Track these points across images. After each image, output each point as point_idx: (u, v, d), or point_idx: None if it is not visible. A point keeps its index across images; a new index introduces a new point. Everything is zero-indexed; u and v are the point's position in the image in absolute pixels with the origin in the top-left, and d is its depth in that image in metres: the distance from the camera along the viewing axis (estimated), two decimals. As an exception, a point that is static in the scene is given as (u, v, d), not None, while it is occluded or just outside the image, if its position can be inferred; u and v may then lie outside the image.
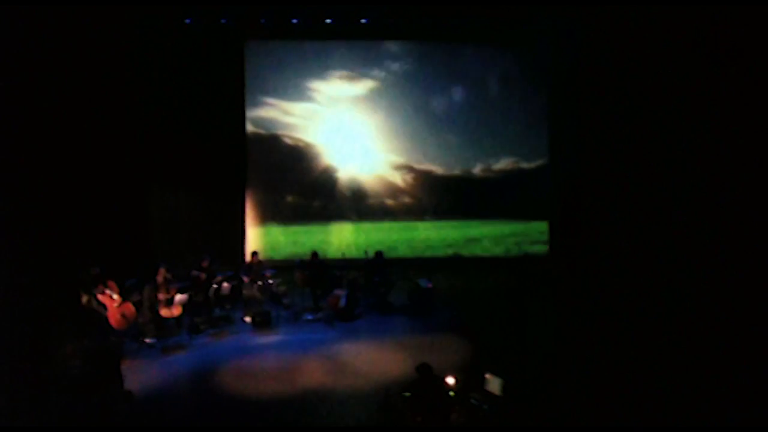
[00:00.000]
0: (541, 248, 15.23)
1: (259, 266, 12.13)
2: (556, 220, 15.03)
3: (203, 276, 11.15)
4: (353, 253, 13.63)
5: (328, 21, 13.92)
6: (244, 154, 14.66)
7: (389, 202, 15.13)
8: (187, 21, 13.62)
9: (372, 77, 14.86)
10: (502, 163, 15.20)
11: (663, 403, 7.76)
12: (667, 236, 11.76)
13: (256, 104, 14.70)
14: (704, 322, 9.86)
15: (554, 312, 11.75)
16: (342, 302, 11.41)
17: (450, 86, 15.03)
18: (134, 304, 10.17)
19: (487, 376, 7.49)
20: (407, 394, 6.87)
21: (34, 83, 9.19)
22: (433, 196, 15.16)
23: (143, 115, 13.23)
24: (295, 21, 13.89)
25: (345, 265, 12.85)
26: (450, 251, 15.24)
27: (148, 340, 10.08)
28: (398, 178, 15.10)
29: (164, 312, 10.31)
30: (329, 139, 14.94)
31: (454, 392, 7.10)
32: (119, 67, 12.30)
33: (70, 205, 10.15)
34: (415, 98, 14.96)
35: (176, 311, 10.45)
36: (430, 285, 12.08)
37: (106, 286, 9.94)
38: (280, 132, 14.84)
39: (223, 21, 13.79)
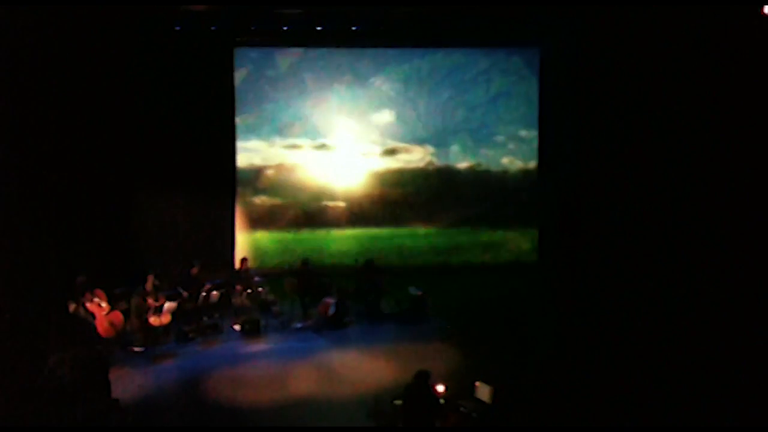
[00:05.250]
0: (531, 256, 15.26)
1: (247, 273, 12.09)
2: (546, 228, 15.07)
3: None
4: (344, 260, 13.59)
5: (318, 28, 13.93)
6: (234, 160, 14.61)
7: (379, 209, 15.09)
8: (177, 27, 13.62)
9: (362, 84, 14.85)
10: (492, 170, 15.26)
11: (654, 414, 7.77)
12: (661, 244, 11.71)
13: (246, 110, 14.65)
14: (700, 331, 9.86)
15: (544, 319, 11.76)
16: (331, 310, 11.38)
17: (441, 92, 15.02)
18: (122, 312, 10.10)
19: (477, 383, 7.51)
20: (398, 401, 6.88)
21: (18, 90, 9.12)
22: (423, 203, 15.16)
23: (132, 121, 13.17)
24: (285, 28, 13.90)
25: (335, 273, 12.81)
26: (439, 259, 15.25)
27: (136, 349, 10.01)
28: (389, 186, 15.09)
29: (153, 320, 10.24)
30: (320, 145, 14.92)
31: (444, 400, 7.12)
32: (107, 73, 12.25)
33: (57, 212, 10.08)
34: (405, 105, 14.95)
35: (165, 319, 10.38)
36: (419, 293, 12.09)
37: (94, 295, 9.87)
38: (269, 139, 14.80)
39: (213, 28, 13.78)
